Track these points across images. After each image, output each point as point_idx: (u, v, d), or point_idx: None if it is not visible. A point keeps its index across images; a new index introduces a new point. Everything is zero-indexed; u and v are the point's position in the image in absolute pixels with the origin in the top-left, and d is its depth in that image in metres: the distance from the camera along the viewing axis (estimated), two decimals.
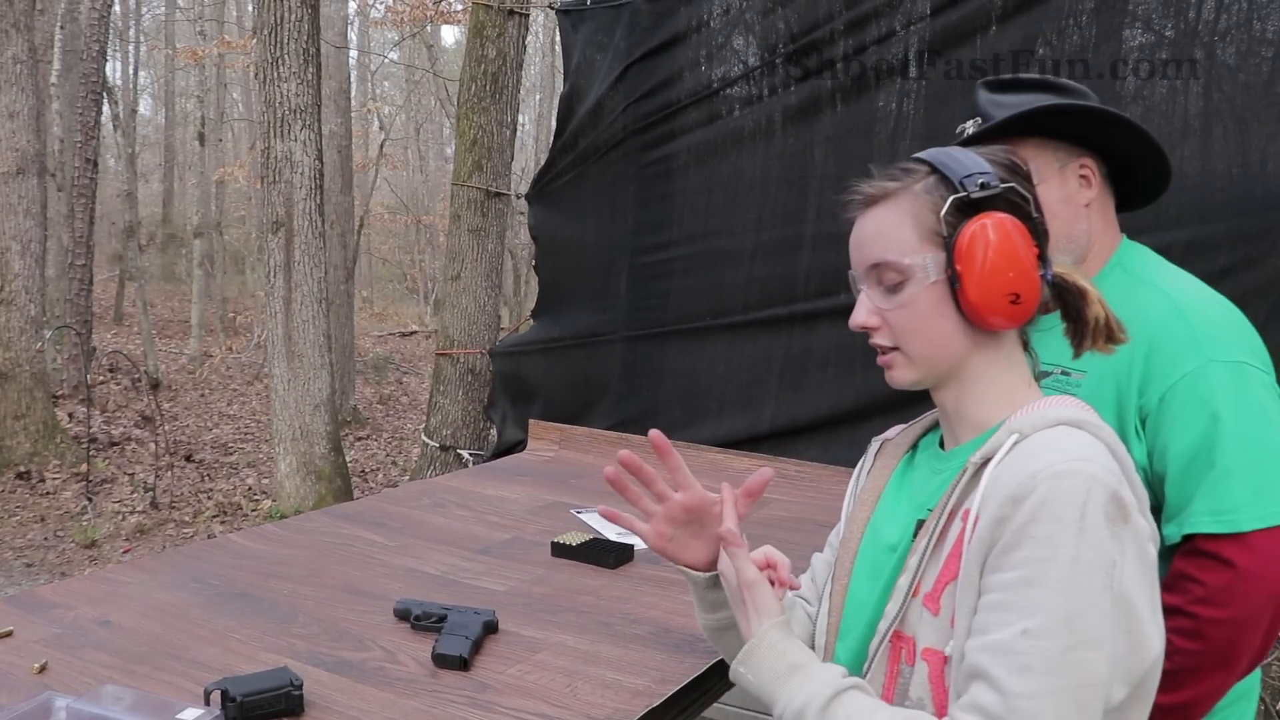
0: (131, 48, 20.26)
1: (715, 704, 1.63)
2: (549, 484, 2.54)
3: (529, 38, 5.95)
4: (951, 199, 1.13)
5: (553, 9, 4.55)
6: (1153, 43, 2.87)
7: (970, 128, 1.67)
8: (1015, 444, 1.07)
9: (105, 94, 11.89)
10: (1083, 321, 1.17)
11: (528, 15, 5.37)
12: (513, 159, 5.52)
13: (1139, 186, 1.68)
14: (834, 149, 3.41)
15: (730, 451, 2.79)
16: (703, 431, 3.63)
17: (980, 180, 1.13)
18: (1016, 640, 0.98)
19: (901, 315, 1.16)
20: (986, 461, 1.08)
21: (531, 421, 3.05)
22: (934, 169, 1.17)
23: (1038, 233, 1.14)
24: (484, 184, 5.21)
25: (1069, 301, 1.18)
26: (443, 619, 1.57)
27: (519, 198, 5.12)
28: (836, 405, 3.36)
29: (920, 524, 1.16)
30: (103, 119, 11.79)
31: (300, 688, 1.33)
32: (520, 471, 2.69)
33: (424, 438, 5.40)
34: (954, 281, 1.12)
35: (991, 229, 1.10)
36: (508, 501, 2.37)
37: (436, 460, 5.27)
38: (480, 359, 5.15)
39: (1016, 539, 1.00)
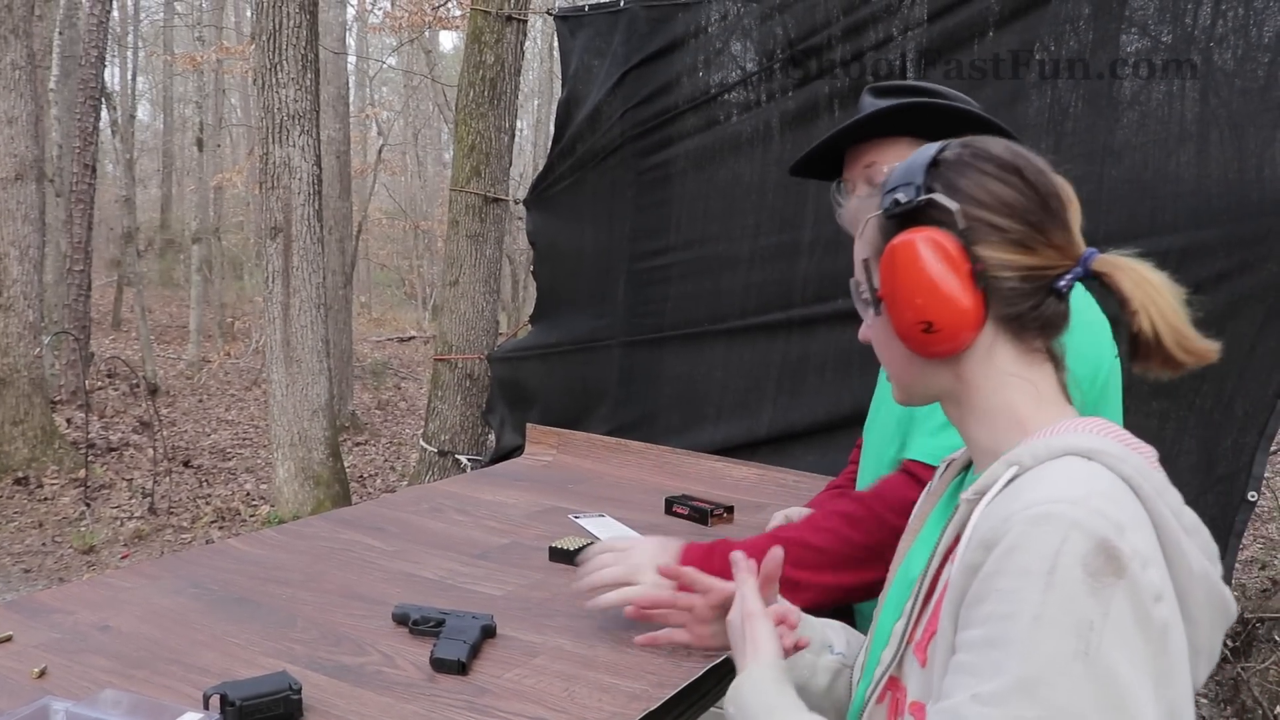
0: (130, 53, 20.28)
1: (712, 708, 1.64)
2: (547, 489, 2.55)
3: (527, 43, 5.96)
4: (869, 218, 1.07)
5: (551, 14, 4.56)
6: (1149, 47, 2.88)
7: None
8: (1013, 478, 0.94)
9: (104, 99, 11.89)
10: (1132, 335, 1.01)
11: (526, 21, 5.38)
12: (511, 164, 5.52)
13: None
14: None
15: (729, 460, 2.80)
16: (700, 437, 3.63)
17: (898, 195, 1.03)
18: (966, 706, 0.86)
19: (872, 336, 1.12)
20: (982, 497, 0.97)
21: (529, 426, 3.06)
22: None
23: (968, 243, 1.00)
24: (482, 189, 5.22)
25: (1119, 307, 1.01)
26: (441, 623, 1.57)
27: (517, 203, 5.12)
28: (834, 410, 3.36)
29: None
30: (101, 124, 11.80)
31: (299, 692, 1.33)
32: (518, 476, 2.70)
33: (422, 443, 5.40)
34: (879, 308, 1.06)
35: (899, 250, 1.01)
36: (506, 506, 2.37)
37: (435, 465, 5.27)
38: (478, 364, 5.15)
39: (983, 591, 0.88)
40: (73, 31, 10.79)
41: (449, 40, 23.64)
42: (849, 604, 1.63)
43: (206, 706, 1.31)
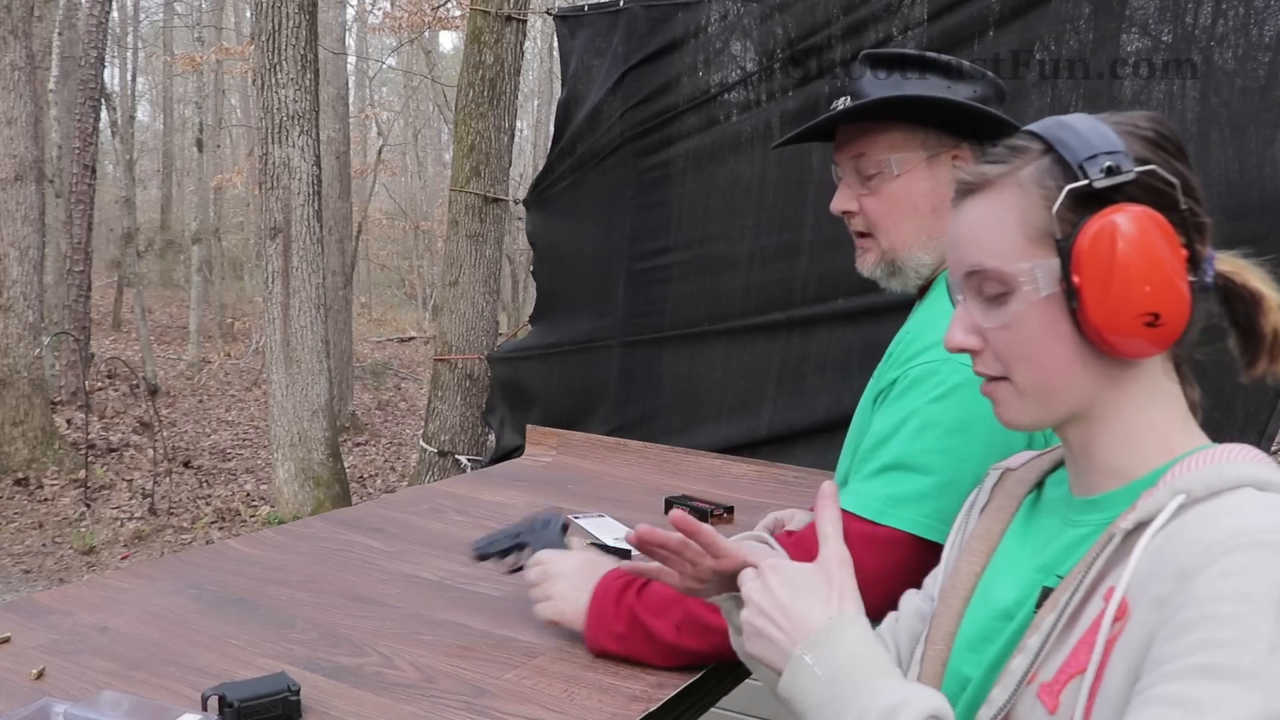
0: (130, 54, 20.29)
1: (713, 709, 1.63)
2: (546, 489, 2.54)
3: (527, 43, 5.96)
4: (1067, 189, 0.89)
5: (550, 14, 4.56)
6: (1150, 47, 2.87)
7: (840, 105, 1.58)
8: (1181, 508, 0.84)
9: (103, 100, 11.90)
10: (1256, 334, 0.92)
11: (525, 21, 5.38)
12: (510, 165, 5.53)
13: None
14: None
15: (729, 457, 2.79)
16: (700, 437, 3.63)
17: (1106, 163, 0.87)
18: None
19: (1006, 337, 0.94)
20: (1142, 527, 0.85)
21: (529, 427, 3.05)
22: (1050, 147, 0.92)
23: (1188, 228, 0.88)
24: (482, 190, 5.21)
25: (1238, 310, 0.93)
26: (521, 546, 1.64)
27: (517, 203, 5.12)
28: (835, 410, 3.36)
29: (1047, 593, 0.93)
30: (101, 125, 11.80)
31: (297, 693, 1.32)
32: (517, 477, 2.69)
33: (422, 443, 5.40)
34: (1071, 296, 0.89)
35: (1122, 228, 0.86)
36: (505, 507, 2.37)
37: (435, 466, 5.27)
38: (478, 365, 5.15)
39: (1187, 620, 0.77)
40: (72, 32, 10.80)
41: (449, 40, 23.66)
42: None
43: (205, 708, 1.30)
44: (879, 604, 1.29)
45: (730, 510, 2.31)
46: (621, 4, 3.89)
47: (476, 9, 5.23)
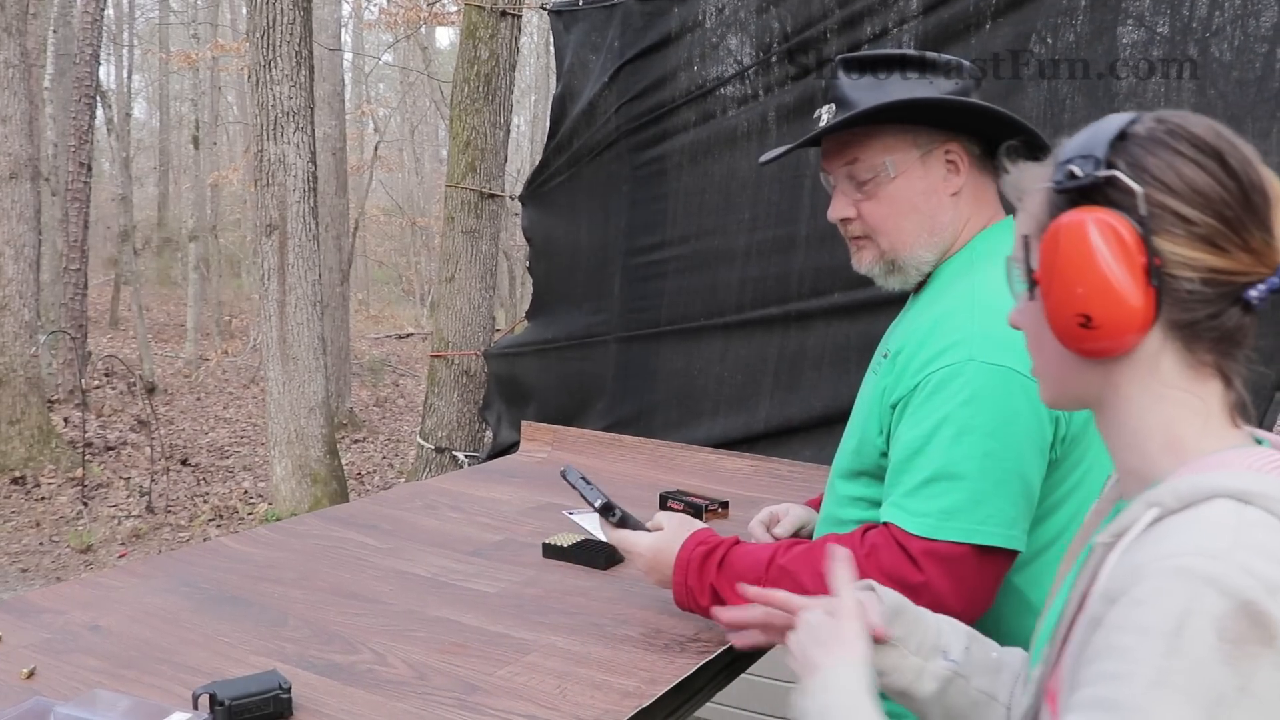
0: (125, 51, 20.27)
1: (708, 704, 1.63)
2: (541, 485, 2.54)
3: (523, 39, 5.95)
4: (1036, 191, 0.95)
5: (545, 9, 4.55)
6: (1146, 40, 2.87)
7: (825, 115, 1.56)
8: (1154, 521, 0.83)
9: (99, 98, 11.88)
10: None
11: (520, 16, 5.37)
12: (507, 160, 5.52)
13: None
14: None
15: (724, 452, 2.78)
16: (697, 432, 3.62)
17: (1069, 168, 0.90)
18: None
19: (1023, 323, 1.00)
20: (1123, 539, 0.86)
21: (524, 423, 3.04)
22: None
23: (1148, 233, 0.87)
24: (478, 186, 5.21)
25: None
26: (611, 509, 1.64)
27: (513, 199, 5.11)
28: (831, 404, 3.36)
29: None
30: (97, 123, 11.79)
31: (289, 691, 1.32)
32: (512, 473, 2.68)
33: (419, 440, 5.39)
34: (1034, 293, 0.95)
35: (1066, 230, 0.88)
36: (499, 503, 2.36)
37: (432, 462, 5.27)
38: (475, 361, 5.14)
39: (1099, 648, 0.79)
40: (67, 30, 10.78)
41: (445, 36, 23.61)
42: None
43: (195, 706, 1.30)
44: (971, 618, 1.30)
45: (725, 505, 2.30)
46: None
47: (472, 4, 5.22)
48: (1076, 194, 0.89)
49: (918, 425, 1.41)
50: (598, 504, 1.62)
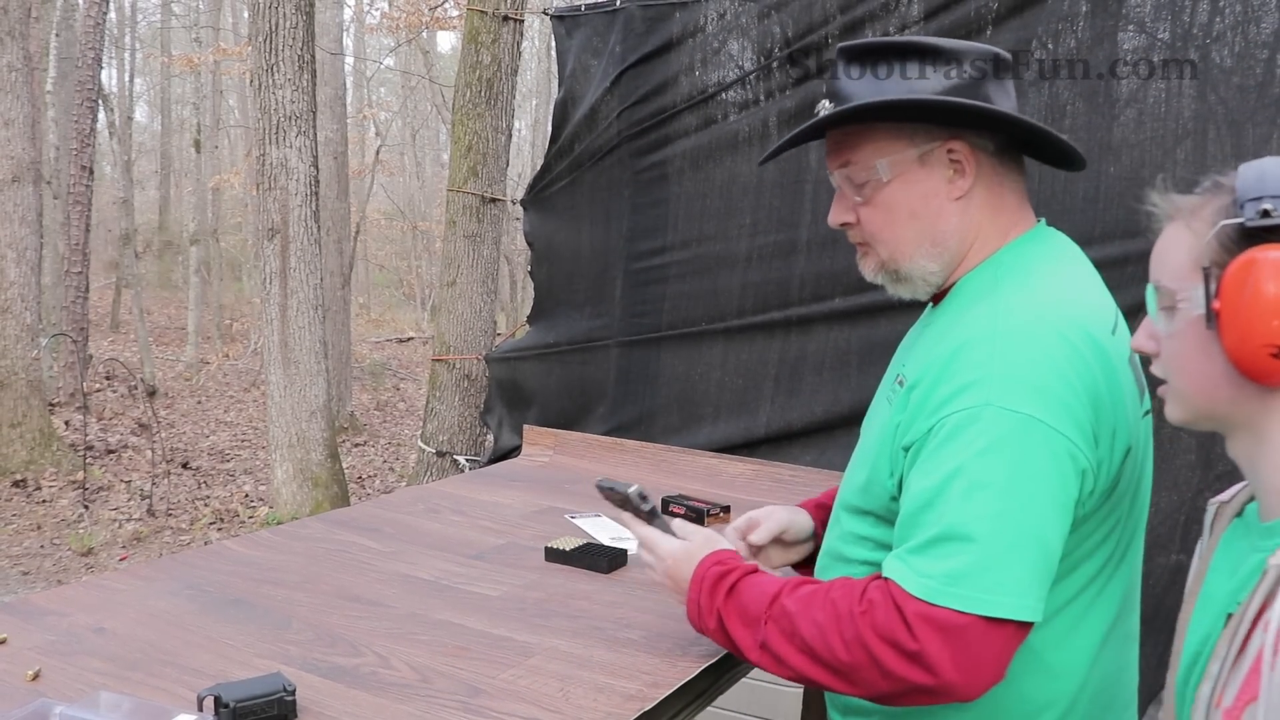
0: (127, 55, 20.30)
1: (710, 707, 1.63)
2: (543, 489, 2.54)
3: (526, 43, 5.96)
4: (1221, 224, 0.98)
5: (547, 14, 4.55)
6: (1147, 45, 2.87)
7: (823, 109, 1.44)
8: None
9: (101, 101, 11.89)
10: None
11: (522, 21, 5.38)
12: (508, 165, 5.52)
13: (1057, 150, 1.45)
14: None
15: (725, 456, 2.79)
16: (698, 437, 3.63)
17: (1265, 206, 0.95)
18: None
19: (1170, 346, 1.04)
20: None
21: (526, 427, 3.05)
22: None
23: None
24: (479, 190, 5.21)
25: None
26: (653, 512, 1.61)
27: (515, 203, 5.12)
28: (832, 409, 3.36)
29: (1229, 618, 0.98)
30: (98, 126, 11.80)
31: (293, 693, 1.32)
32: (515, 477, 2.69)
33: (420, 444, 5.39)
34: (1211, 321, 0.98)
35: (1261, 264, 0.93)
36: (502, 507, 2.37)
37: (433, 466, 5.27)
38: (476, 365, 5.14)
39: None
40: (69, 33, 10.80)
41: (447, 41, 23.64)
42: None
43: (200, 708, 1.30)
44: (972, 692, 1.22)
45: (727, 509, 2.31)
46: (618, 4, 3.89)
47: (474, 9, 5.23)
48: (1261, 231, 0.95)
49: (929, 475, 1.29)
50: (631, 490, 1.57)
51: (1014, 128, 1.40)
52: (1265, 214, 0.94)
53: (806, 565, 1.73)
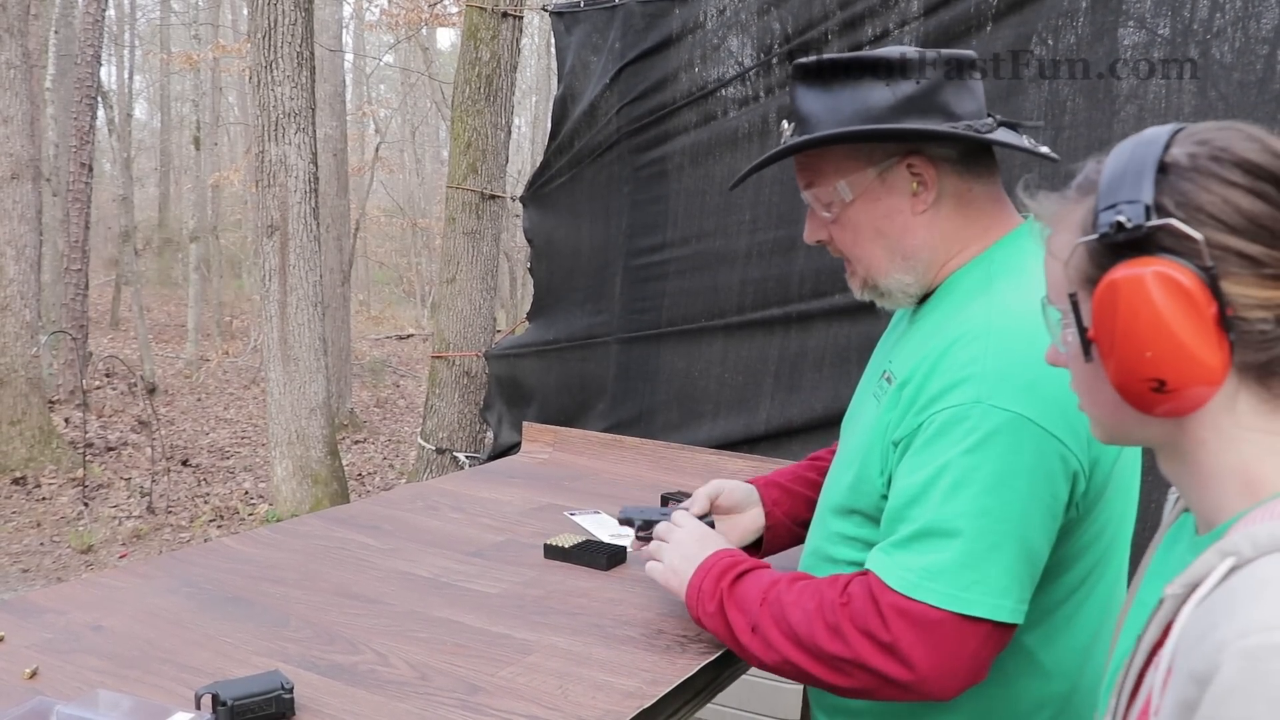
0: (126, 52, 20.28)
1: (709, 704, 1.63)
2: (542, 486, 2.54)
3: (525, 40, 5.96)
4: (1078, 244, 0.86)
5: (547, 10, 4.55)
6: (1147, 41, 2.87)
7: (788, 130, 1.44)
8: (1230, 572, 0.76)
9: (100, 99, 11.88)
10: None
11: (522, 17, 5.38)
12: (508, 161, 5.52)
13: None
14: None
15: (725, 453, 2.79)
16: (698, 433, 3.63)
17: (1117, 217, 0.82)
18: None
19: (1073, 368, 0.93)
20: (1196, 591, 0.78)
21: (525, 424, 3.05)
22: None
23: (1226, 276, 0.80)
24: (479, 187, 5.21)
25: None
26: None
27: (514, 200, 5.11)
28: (832, 406, 3.36)
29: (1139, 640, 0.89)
30: (98, 124, 11.80)
31: (291, 691, 1.32)
32: (514, 474, 2.69)
33: (420, 441, 5.39)
34: (1088, 352, 0.87)
35: (1123, 291, 0.81)
36: (501, 504, 2.36)
37: (433, 463, 5.27)
38: (476, 362, 5.14)
39: None
40: (69, 30, 10.79)
41: (446, 38, 23.62)
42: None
43: (198, 706, 1.30)
44: (950, 689, 1.23)
45: None
46: (618, 0, 3.89)
47: (473, 5, 5.22)
48: (1125, 245, 0.82)
49: (916, 471, 1.28)
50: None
51: (962, 142, 1.37)
52: (1119, 227, 0.82)
53: (756, 546, 1.78)
